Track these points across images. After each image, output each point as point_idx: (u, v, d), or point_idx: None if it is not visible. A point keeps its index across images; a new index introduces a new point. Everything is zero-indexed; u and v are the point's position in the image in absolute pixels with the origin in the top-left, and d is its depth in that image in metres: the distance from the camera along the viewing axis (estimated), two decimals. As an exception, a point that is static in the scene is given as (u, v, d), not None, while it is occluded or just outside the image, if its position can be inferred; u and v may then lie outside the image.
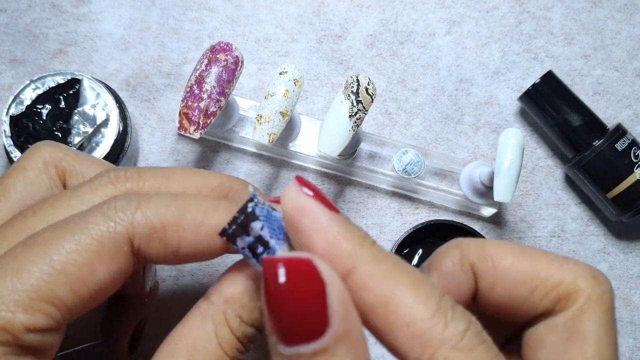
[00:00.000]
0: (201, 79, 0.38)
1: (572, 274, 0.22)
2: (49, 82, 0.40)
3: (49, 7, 0.47)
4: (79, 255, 0.20)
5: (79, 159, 0.26)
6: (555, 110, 0.46)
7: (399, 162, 0.45)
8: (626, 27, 0.50)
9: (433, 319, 0.18)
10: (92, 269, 0.20)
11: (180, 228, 0.21)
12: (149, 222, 0.21)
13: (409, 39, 0.49)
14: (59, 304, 0.20)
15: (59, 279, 0.20)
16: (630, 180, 0.44)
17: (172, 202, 0.22)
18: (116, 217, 0.21)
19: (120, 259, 0.21)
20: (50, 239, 0.20)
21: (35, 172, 0.25)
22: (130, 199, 0.21)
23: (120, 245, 0.21)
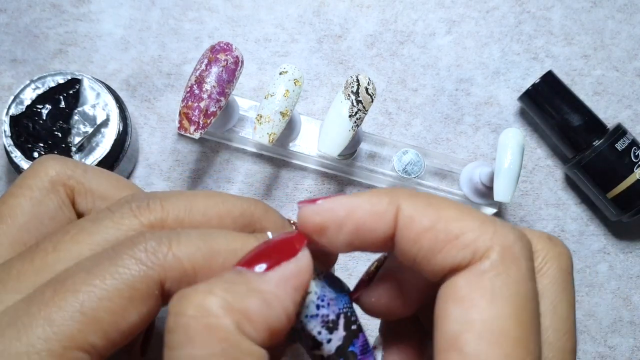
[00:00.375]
0: (201, 79, 0.38)
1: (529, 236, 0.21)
2: (49, 82, 0.40)
3: (49, 7, 0.47)
4: (111, 302, 0.20)
5: (87, 175, 0.26)
6: (555, 110, 0.46)
7: (399, 162, 0.45)
8: (626, 27, 0.50)
9: (481, 227, 0.19)
10: (123, 314, 0.20)
11: (210, 271, 0.21)
12: (181, 266, 0.21)
13: (409, 39, 0.49)
14: (91, 350, 0.19)
15: (92, 327, 0.19)
16: (630, 180, 0.44)
17: (202, 242, 0.21)
18: (148, 262, 0.20)
19: (151, 302, 0.20)
20: (80, 285, 0.20)
21: (43, 192, 0.24)
22: (161, 239, 0.21)
23: (151, 290, 0.20)
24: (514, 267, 0.19)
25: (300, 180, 0.47)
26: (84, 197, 0.25)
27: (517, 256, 0.19)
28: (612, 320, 0.47)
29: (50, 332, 0.19)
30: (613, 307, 0.47)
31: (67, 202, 0.25)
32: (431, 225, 0.20)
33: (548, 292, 0.21)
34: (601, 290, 0.47)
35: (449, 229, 0.19)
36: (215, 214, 0.24)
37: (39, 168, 0.25)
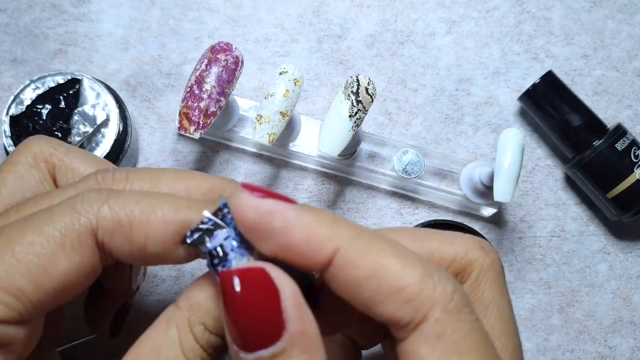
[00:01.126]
0: (201, 79, 0.38)
1: (462, 248, 0.22)
2: (49, 82, 0.40)
3: (49, 7, 0.47)
4: (41, 247, 0.20)
5: (69, 154, 0.26)
6: (555, 110, 0.46)
7: (399, 162, 0.45)
8: (626, 27, 0.50)
9: (422, 282, 0.19)
10: (53, 260, 0.20)
11: (147, 224, 0.21)
12: (115, 216, 0.21)
13: (409, 39, 0.49)
14: (19, 295, 0.19)
15: (19, 269, 0.19)
16: (630, 180, 0.44)
17: (143, 197, 0.21)
18: (82, 210, 0.20)
19: (84, 252, 0.20)
20: (15, 231, 0.20)
21: (25, 167, 0.25)
22: (100, 192, 0.21)
23: (82, 238, 0.20)
24: (460, 321, 0.19)
25: (300, 180, 0.47)
26: (64, 174, 0.26)
27: (459, 308, 0.19)
28: (612, 320, 0.47)
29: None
30: (613, 307, 0.47)
31: (48, 178, 0.26)
32: (372, 274, 0.19)
33: (493, 302, 0.22)
34: (601, 290, 0.47)
35: (391, 281, 0.19)
36: (183, 187, 0.24)
37: (24, 146, 0.26)
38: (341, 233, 0.20)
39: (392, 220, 0.46)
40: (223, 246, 0.21)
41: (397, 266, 0.19)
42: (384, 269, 0.19)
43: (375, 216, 0.46)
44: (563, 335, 0.46)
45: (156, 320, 0.21)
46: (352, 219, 0.46)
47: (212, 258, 0.21)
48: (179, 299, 0.21)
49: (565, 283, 0.47)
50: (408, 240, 0.22)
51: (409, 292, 0.19)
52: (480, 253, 0.22)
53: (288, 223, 0.19)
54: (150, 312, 0.43)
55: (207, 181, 0.24)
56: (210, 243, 0.21)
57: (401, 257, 0.20)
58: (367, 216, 0.46)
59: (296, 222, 0.20)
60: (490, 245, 0.23)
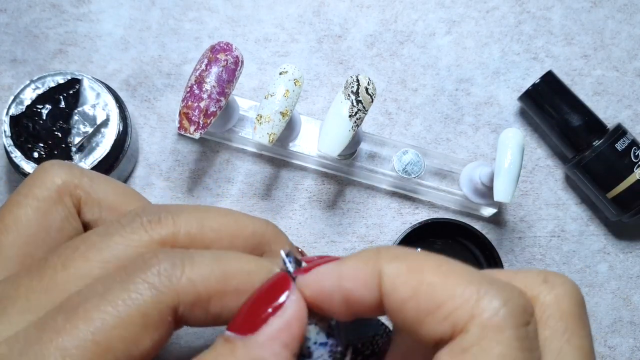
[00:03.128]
0: (201, 79, 0.38)
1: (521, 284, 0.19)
2: (49, 82, 0.40)
3: (49, 7, 0.47)
4: (124, 330, 0.19)
5: (94, 184, 0.25)
6: (555, 110, 0.46)
7: (399, 162, 0.45)
8: (626, 27, 0.50)
9: (463, 295, 0.18)
10: (136, 342, 0.19)
11: (224, 295, 0.20)
12: (195, 291, 0.20)
13: (409, 39, 0.49)
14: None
15: (104, 356, 0.19)
16: (630, 180, 0.44)
17: (216, 265, 0.21)
18: (161, 286, 0.19)
19: (165, 328, 0.20)
20: (93, 312, 0.19)
21: (49, 203, 0.23)
22: (174, 261, 0.20)
23: (164, 316, 0.20)
24: (496, 340, 0.17)
25: (300, 180, 0.47)
26: (90, 207, 0.25)
27: (500, 326, 0.17)
28: (612, 320, 0.47)
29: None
30: (613, 307, 0.47)
31: (74, 213, 0.24)
32: (413, 293, 0.18)
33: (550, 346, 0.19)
34: (601, 291, 0.47)
35: (430, 298, 0.18)
36: (227, 232, 0.23)
37: (44, 176, 0.24)
38: (381, 257, 0.19)
39: (392, 220, 0.46)
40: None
41: (438, 280, 0.18)
42: (424, 286, 0.18)
43: (375, 216, 0.46)
44: (563, 335, 0.46)
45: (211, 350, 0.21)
46: (352, 219, 0.46)
47: None
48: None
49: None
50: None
51: (447, 308, 0.18)
52: (542, 288, 0.19)
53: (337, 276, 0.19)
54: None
55: (248, 226, 0.24)
56: None
57: (443, 270, 0.18)
58: (367, 216, 0.46)
59: (342, 272, 0.19)
60: (561, 277, 0.19)
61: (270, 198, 0.46)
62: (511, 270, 0.20)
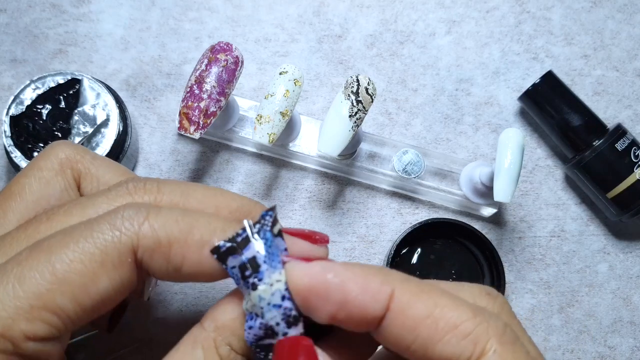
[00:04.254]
0: (201, 79, 0.38)
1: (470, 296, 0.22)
2: (49, 82, 0.40)
3: (49, 7, 0.47)
4: (82, 265, 0.20)
5: (95, 161, 0.26)
6: (555, 110, 0.46)
7: (399, 162, 0.45)
8: (626, 27, 0.50)
9: (476, 317, 0.20)
10: (94, 278, 0.20)
11: (185, 245, 0.21)
12: (155, 236, 0.21)
13: (408, 39, 0.49)
14: (60, 313, 0.19)
15: (61, 288, 0.19)
16: (630, 180, 0.44)
17: (182, 217, 0.21)
18: (122, 227, 0.20)
19: (124, 269, 0.20)
20: (55, 246, 0.20)
21: (51, 173, 0.25)
22: (140, 209, 0.21)
23: (124, 256, 0.20)
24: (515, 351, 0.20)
25: (300, 180, 0.47)
26: (89, 182, 0.26)
27: (512, 339, 0.20)
28: (612, 320, 0.47)
29: (20, 290, 0.19)
30: (613, 307, 0.47)
31: (73, 185, 0.26)
32: (429, 313, 0.20)
33: None
34: (601, 290, 0.47)
35: (448, 318, 0.19)
36: (212, 203, 0.24)
37: (50, 151, 0.26)
38: (393, 277, 0.20)
39: (392, 220, 0.46)
40: (256, 258, 0.21)
41: (450, 304, 0.20)
42: (439, 308, 0.20)
43: (375, 216, 0.46)
44: (563, 335, 0.46)
45: (181, 340, 0.21)
46: (352, 219, 0.46)
47: (243, 270, 0.21)
48: (204, 319, 0.21)
49: (565, 283, 0.47)
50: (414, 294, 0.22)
51: (466, 327, 0.19)
52: (487, 300, 0.22)
53: (342, 277, 0.20)
54: (150, 310, 0.43)
55: (235, 200, 0.25)
56: (244, 255, 0.21)
57: (451, 296, 0.20)
58: (367, 216, 0.46)
59: (349, 274, 0.20)
60: (496, 290, 0.23)
61: (270, 198, 0.46)
62: (454, 284, 0.23)
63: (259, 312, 0.21)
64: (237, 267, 0.21)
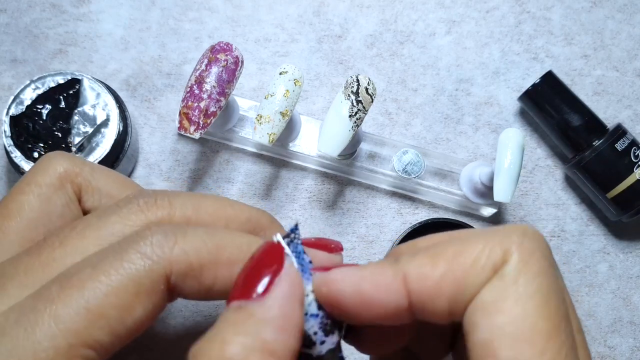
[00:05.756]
0: (201, 79, 0.38)
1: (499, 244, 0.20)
2: (49, 82, 0.40)
3: (49, 7, 0.47)
4: (117, 298, 0.19)
5: (94, 173, 0.25)
6: (555, 110, 0.46)
7: (398, 162, 0.45)
8: (626, 27, 0.50)
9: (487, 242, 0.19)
10: (129, 310, 0.20)
11: (216, 266, 0.21)
12: (187, 260, 0.20)
13: (408, 39, 0.49)
14: (97, 347, 0.19)
15: (98, 323, 0.19)
16: (630, 180, 0.44)
17: (208, 238, 0.21)
18: (153, 255, 0.20)
19: (157, 297, 0.20)
20: (86, 280, 0.19)
21: (51, 189, 0.24)
22: (167, 233, 0.20)
23: (157, 284, 0.20)
24: (531, 263, 0.18)
25: (300, 180, 0.47)
26: (90, 195, 0.25)
27: (531, 250, 0.19)
28: (612, 321, 0.47)
29: (56, 329, 0.18)
30: (613, 307, 0.47)
31: (74, 200, 0.25)
32: (444, 271, 0.19)
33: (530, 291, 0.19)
34: (601, 290, 0.47)
35: (462, 263, 0.19)
36: (223, 216, 0.24)
37: (47, 164, 0.25)
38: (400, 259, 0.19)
39: (392, 220, 0.46)
40: None
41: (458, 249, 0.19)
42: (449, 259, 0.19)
43: (375, 216, 0.46)
44: (563, 335, 0.46)
45: None
46: (352, 219, 0.46)
47: None
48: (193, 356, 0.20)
49: (565, 283, 0.47)
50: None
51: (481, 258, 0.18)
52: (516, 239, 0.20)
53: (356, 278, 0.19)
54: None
55: (244, 212, 0.25)
56: None
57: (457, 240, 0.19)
58: (367, 216, 0.46)
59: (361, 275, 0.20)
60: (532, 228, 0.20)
61: (270, 198, 0.46)
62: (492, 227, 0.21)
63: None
64: None
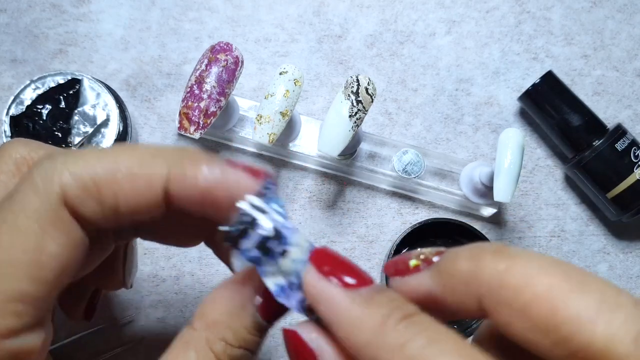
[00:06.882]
0: (201, 79, 0.38)
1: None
2: (49, 82, 0.40)
3: (49, 7, 0.47)
4: (22, 240, 0.18)
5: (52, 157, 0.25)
6: (555, 110, 0.46)
7: (399, 162, 0.45)
8: (626, 27, 0.50)
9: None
10: (40, 248, 0.18)
11: (114, 182, 0.19)
12: (79, 180, 0.19)
13: (409, 39, 0.49)
14: (24, 298, 0.18)
15: (13, 273, 0.18)
16: (630, 180, 0.44)
17: (103, 155, 0.20)
18: (43, 187, 0.19)
19: (65, 227, 0.19)
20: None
21: (8, 175, 0.23)
22: (54, 160, 0.19)
23: (57, 213, 0.19)
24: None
25: (300, 180, 0.47)
26: None
27: None
28: (612, 320, 0.47)
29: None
30: (613, 307, 0.47)
31: None
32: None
33: None
34: (601, 290, 0.47)
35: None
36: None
37: (3, 152, 0.24)
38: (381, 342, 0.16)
39: (392, 220, 0.46)
40: (275, 228, 0.20)
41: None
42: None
43: (375, 216, 0.46)
44: (563, 335, 0.46)
45: (171, 345, 0.20)
46: (352, 219, 0.46)
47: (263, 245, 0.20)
48: (194, 320, 0.20)
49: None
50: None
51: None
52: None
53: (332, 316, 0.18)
54: (149, 311, 0.43)
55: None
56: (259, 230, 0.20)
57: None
58: (367, 216, 0.46)
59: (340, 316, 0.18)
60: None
61: (270, 198, 0.46)
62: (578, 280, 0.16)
63: (293, 276, 0.20)
64: (255, 246, 0.20)
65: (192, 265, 0.44)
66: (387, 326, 0.16)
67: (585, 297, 0.15)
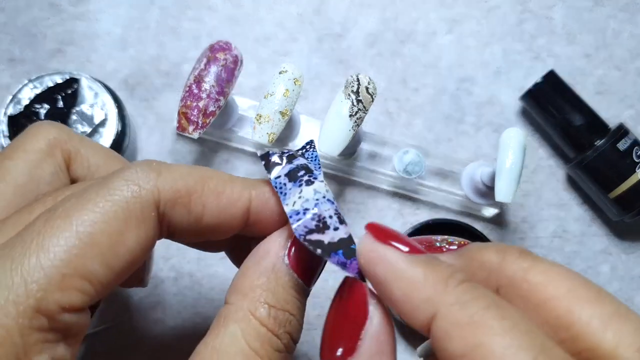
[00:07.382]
0: (200, 79, 0.37)
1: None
2: (47, 82, 0.40)
3: (47, 6, 0.47)
4: (107, 225, 0.18)
5: (83, 142, 0.25)
6: (557, 109, 0.46)
7: (399, 162, 0.44)
8: (628, 26, 0.50)
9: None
10: (121, 237, 0.19)
11: (203, 194, 0.21)
12: (174, 186, 0.20)
13: (409, 38, 0.49)
14: (92, 279, 0.18)
15: (90, 252, 0.18)
16: (632, 180, 0.44)
17: (193, 170, 0.22)
18: (139, 181, 0.20)
19: (148, 225, 0.20)
20: (72, 210, 0.18)
21: (40, 155, 0.23)
22: (151, 165, 0.21)
23: (147, 210, 0.20)
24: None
25: (300, 180, 0.46)
26: (80, 164, 0.25)
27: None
28: (615, 322, 0.46)
29: (47, 260, 0.17)
30: (615, 308, 0.46)
31: (64, 167, 0.24)
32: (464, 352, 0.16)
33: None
34: (603, 291, 0.47)
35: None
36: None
37: (36, 131, 0.24)
38: (443, 298, 0.17)
39: (392, 220, 0.46)
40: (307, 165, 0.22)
41: (500, 348, 0.15)
42: (482, 350, 0.15)
43: (375, 216, 0.46)
44: (565, 336, 0.46)
45: (212, 325, 0.20)
46: (352, 219, 0.46)
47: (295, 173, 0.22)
48: (227, 297, 0.21)
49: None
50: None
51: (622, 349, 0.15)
52: None
53: (390, 275, 0.18)
54: (147, 313, 0.43)
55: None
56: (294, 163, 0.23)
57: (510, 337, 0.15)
58: (367, 216, 0.46)
59: (399, 275, 0.18)
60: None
61: (270, 198, 0.46)
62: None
63: (311, 205, 0.21)
64: (286, 174, 0.22)
65: (190, 266, 0.44)
66: (449, 286, 0.17)
67: (600, 305, 0.16)
